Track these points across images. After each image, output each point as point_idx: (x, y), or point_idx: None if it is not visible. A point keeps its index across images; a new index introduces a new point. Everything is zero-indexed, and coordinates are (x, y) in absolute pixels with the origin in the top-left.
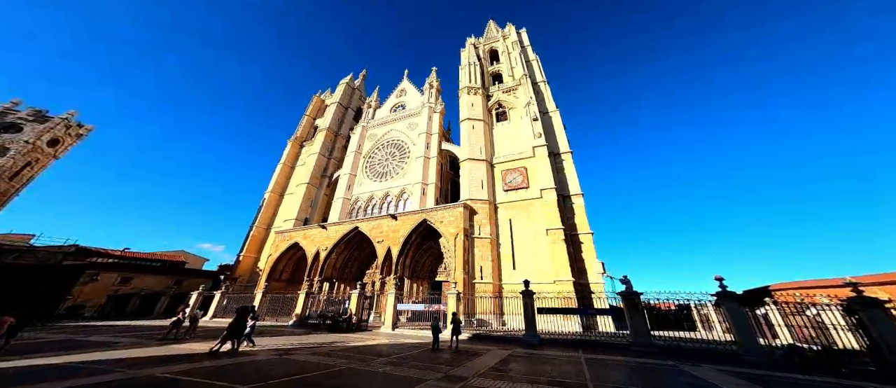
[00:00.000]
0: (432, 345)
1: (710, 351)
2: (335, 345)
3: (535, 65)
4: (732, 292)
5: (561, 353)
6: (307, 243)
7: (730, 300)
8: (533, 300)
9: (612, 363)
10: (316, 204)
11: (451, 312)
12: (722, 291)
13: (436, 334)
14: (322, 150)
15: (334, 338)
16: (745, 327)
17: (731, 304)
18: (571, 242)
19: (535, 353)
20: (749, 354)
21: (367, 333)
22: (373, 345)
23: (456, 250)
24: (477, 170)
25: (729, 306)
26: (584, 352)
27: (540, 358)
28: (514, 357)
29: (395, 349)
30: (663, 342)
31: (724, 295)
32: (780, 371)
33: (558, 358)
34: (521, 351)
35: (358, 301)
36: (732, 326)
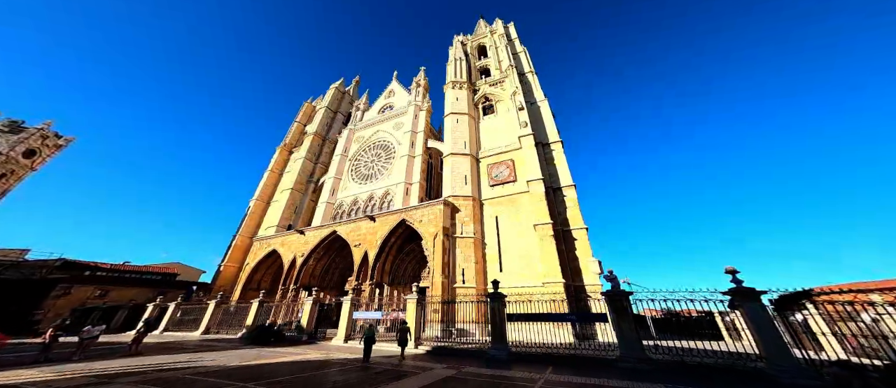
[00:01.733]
0: (363, 360)
1: (725, 369)
2: (226, 365)
3: (523, 56)
4: (750, 288)
5: (522, 374)
6: (285, 250)
7: (749, 300)
8: (502, 305)
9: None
10: (300, 210)
11: (410, 319)
12: (737, 287)
13: (368, 345)
14: (308, 155)
15: (256, 354)
16: (772, 335)
17: (753, 305)
18: (563, 238)
19: (487, 373)
20: (781, 372)
21: (310, 346)
22: (285, 362)
23: (435, 251)
24: (460, 165)
25: (749, 307)
26: (555, 372)
27: (483, 383)
28: (451, 381)
29: (309, 366)
30: (663, 357)
31: (740, 293)
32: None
33: (509, 382)
34: (471, 371)
35: (312, 310)
36: (755, 335)
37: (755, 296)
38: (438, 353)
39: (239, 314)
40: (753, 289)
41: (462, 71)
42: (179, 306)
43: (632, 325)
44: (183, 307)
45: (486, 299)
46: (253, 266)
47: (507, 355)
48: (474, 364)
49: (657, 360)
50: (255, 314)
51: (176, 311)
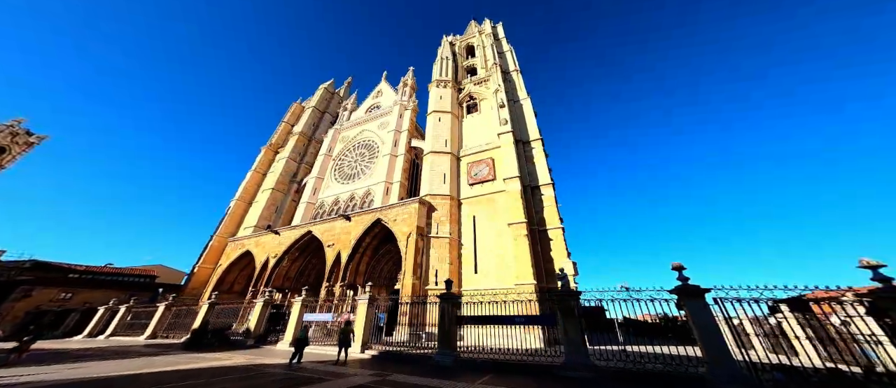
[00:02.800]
0: (289, 364)
1: (670, 375)
2: (100, 376)
3: (509, 55)
4: (695, 286)
5: (451, 382)
6: (258, 250)
7: (692, 298)
8: (453, 307)
9: None
10: (282, 210)
11: (360, 321)
12: (682, 285)
13: (299, 347)
14: (292, 154)
15: (172, 360)
16: (715, 338)
17: (695, 302)
18: (539, 238)
19: (413, 381)
20: (718, 377)
21: (251, 351)
22: (190, 369)
23: (407, 251)
24: (439, 163)
25: (691, 305)
26: (493, 380)
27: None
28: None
29: (212, 372)
30: (614, 363)
31: (683, 291)
32: None
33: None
34: (397, 379)
35: (262, 312)
36: (698, 336)
37: (699, 294)
38: (384, 358)
39: (191, 317)
40: (697, 287)
41: (448, 70)
42: (130, 309)
43: (577, 328)
44: (134, 310)
45: (437, 300)
46: (225, 268)
47: (453, 361)
48: (411, 370)
49: (602, 367)
50: (203, 317)
51: (126, 314)
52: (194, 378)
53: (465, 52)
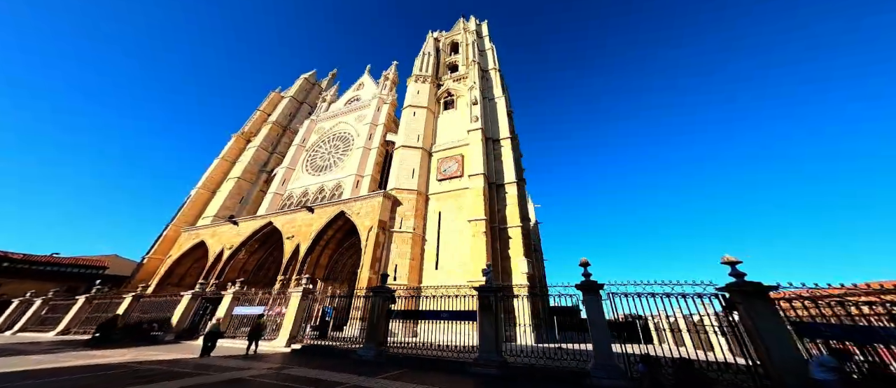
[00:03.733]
0: (200, 357)
1: (569, 371)
2: None
3: (490, 54)
4: (593, 282)
5: (349, 376)
6: (214, 241)
7: (588, 292)
8: (383, 301)
9: None
10: (248, 201)
11: (290, 314)
12: (585, 281)
13: (209, 341)
14: (264, 143)
15: (50, 358)
16: (600, 331)
17: (590, 297)
18: (499, 236)
19: (303, 375)
20: (597, 371)
21: (166, 346)
22: (58, 368)
23: (367, 245)
24: (410, 158)
25: (586, 300)
26: (402, 376)
27: (274, 384)
28: (238, 383)
29: (84, 371)
30: (517, 359)
31: (584, 287)
32: None
33: (317, 384)
34: (294, 373)
35: (188, 306)
36: (590, 330)
37: (594, 289)
38: (308, 351)
39: (112, 311)
40: (593, 282)
41: (428, 66)
42: (48, 301)
43: (493, 324)
44: (51, 303)
45: (369, 294)
46: (176, 259)
47: (375, 355)
48: (323, 364)
49: (511, 363)
50: (124, 310)
51: (42, 307)
52: (49, 377)
53: (450, 49)
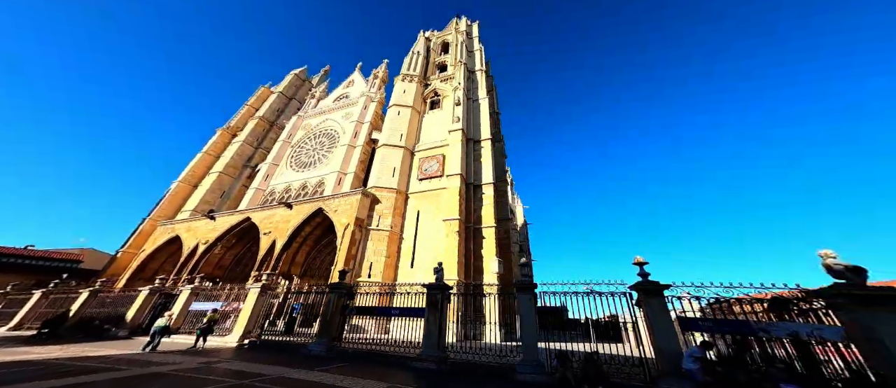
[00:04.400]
0: (144, 350)
1: (506, 367)
2: None
3: (478, 55)
4: (527, 282)
5: (282, 369)
6: (189, 235)
7: (522, 291)
8: (339, 298)
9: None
10: (229, 196)
11: (247, 309)
12: (520, 280)
13: (156, 336)
14: (249, 138)
15: None
16: (528, 327)
17: (523, 295)
18: (474, 236)
19: (229, 368)
20: (522, 366)
21: (116, 342)
22: None
23: (342, 242)
24: (391, 156)
25: (520, 298)
26: (340, 370)
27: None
28: (145, 378)
29: (10, 366)
30: (458, 355)
31: (518, 286)
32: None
33: (239, 377)
34: (229, 367)
35: (145, 301)
36: (521, 326)
37: (528, 288)
38: (259, 347)
39: (69, 306)
40: (528, 282)
41: (417, 65)
42: (5, 295)
43: (437, 322)
44: (8, 298)
45: (325, 290)
46: (149, 253)
47: (326, 350)
48: (268, 359)
49: (456, 360)
50: (80, 305)
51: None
52: None
53: (440, 49)
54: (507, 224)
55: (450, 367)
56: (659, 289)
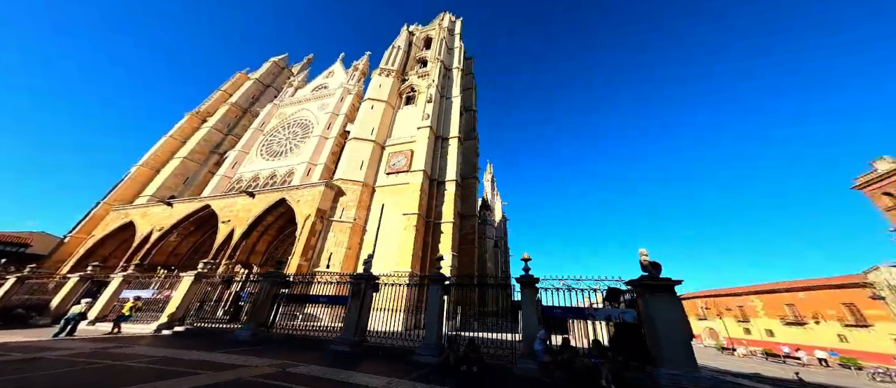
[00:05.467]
0: (53, 336)
1: (409, 349)
2: None
3: (457, 52)
4: (439, 275)
5: (169, 351)
6: (143, 222)
7: (433, 283)
8: (271, 285)
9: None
10: (193, 182)
11: (178, 297)
12: (432, 274)
13: (69, 324)
14: (219, 124)
15: None
16: (432, 314)
17: (433, 287)
18: (433, 230)
19: (130, 353)
20: (422, 349)
21: (22, 330)
22: None
23: (302, 232)
24: (360, 150)
25: (430, 291)
26: (248, 352)
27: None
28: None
29: None
30: (373, 340)
31: (430, 278)
32: None
33: (102, 355)
34: (122, 351)
35: (73, 288)
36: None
37: (439, 280)
38: (184, 334)
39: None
40: (438, 275)
41: (396, 59)
42: None
43: (356, 309)
44: None
45: (259, 278)
46: (99, 239)
47: (251, 335)
48: (182, 344)
49: (371, 344)
50: (5, 292)
51: None
52: None
53: (423, 44)
54: (474, 220)
55: (364, 350)
56: (531, 281)
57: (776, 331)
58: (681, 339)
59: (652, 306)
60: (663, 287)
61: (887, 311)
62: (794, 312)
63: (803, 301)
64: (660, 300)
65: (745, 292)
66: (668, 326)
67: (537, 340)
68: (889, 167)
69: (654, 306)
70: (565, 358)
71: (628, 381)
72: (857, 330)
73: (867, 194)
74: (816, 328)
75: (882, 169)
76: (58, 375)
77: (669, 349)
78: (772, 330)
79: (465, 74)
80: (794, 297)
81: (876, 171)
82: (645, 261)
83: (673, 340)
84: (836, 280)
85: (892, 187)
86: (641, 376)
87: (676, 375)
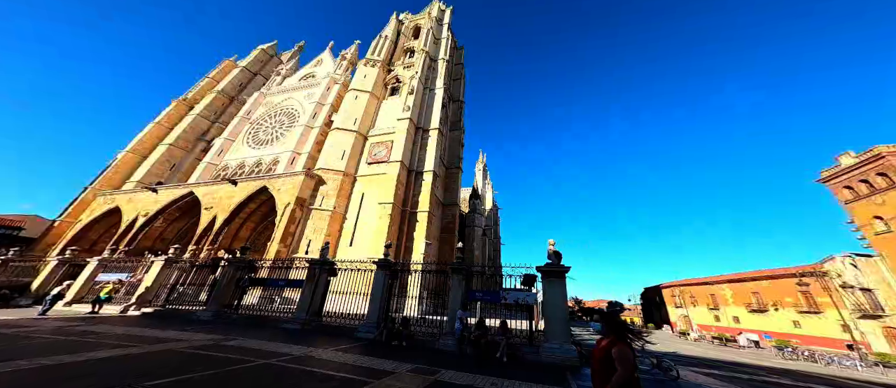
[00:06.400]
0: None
1: (353, 328)
2: None
3: (444, 43)
4: (386, 260)
5: (134, 331)
6: (129, 207)
7: (382, 269)
8: (235, 270)
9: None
10: (179, 169)
11: (149, 280)
12: (383, 259)
13: (53, 301)
14: (206, 112)
15: None
16: (375, 296)
17: (379, 272)
18: (409, 219)
19: (98, 332)
20: (362, 327)
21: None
22: None
23: (281, 219)
24: (342, 140)
25: (377, 276)
26: (204, 330)
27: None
28: None
29: None
30: (321, 320)
31: (382, 265)
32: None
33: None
34: (89, 328)
35: (52, 271)
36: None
37: (386, 267)
38: (152, 315)
39: None
40: (385, 261)
41: (382, 50)
42: None
43: (309, 293)
44: None
45: (225, 263)
46: (86, 223)
47: (213, 316)
48: (149, 324)
49: (321, 323)
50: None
51: None
52: None
53: (412, 33)
54: (455, 209)
55: (314, 328)
56: (460, 268)
57: (742, 318)
58: (562, 317)
59: (547, 290)
60: (557, 273)
61: (837, 298)
62: (759, 299)
63: (767, 289)
64: (553, 285)
65: (718, 282)
66: (554, 306)
67: (457, 320)
68: (852, 162)
69: (548, 289)
70: (475, 335)
71: (520, 355)
72: (809, 316)
73: (830, 188)
74: (775, 314)
75: (845, 164)
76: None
77: (553, 326)
78: (738, 317)
79: (454, 63)
80: (758, 285)
81: (839, 164)
82: (550, 250)
83: (558, 319)
84: (795, 270)
85: (853, 182)
86: (534, 349)
87: (554, 347)
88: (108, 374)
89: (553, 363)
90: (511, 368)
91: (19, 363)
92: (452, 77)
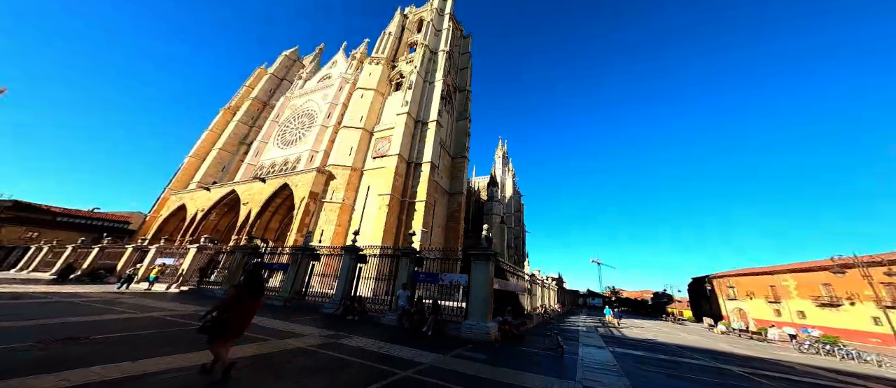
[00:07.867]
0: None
1: (317, 306)
2: None
3: (444, 34)
4: (353, 246)
5: (169, 305)
6: (191, 204)
7: (349, 254)
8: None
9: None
10: (228, 170)
11: (186, 264)
12: (351, 244)
13: (129, 280)
14: (244, 118)
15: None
16: (342, 278)
17: (348, 257)
18: (408, 209)
19: (139, 305)
20: (326, 304)
21: (94, 285)
22: None
23: (298, 212)
24: (349, 137)
25: (344, 261)
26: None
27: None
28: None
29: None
30: (305, 300)
31: (349, 249)
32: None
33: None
34: (134, 302)
35: (130, 256)
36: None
37: (351, 251)
38: (187, 293)
39: (82, 259)
40: (352, 247)
41: (386, 47)
42: (52, 249)
43: (293, 274)
44: (54, 250)
45: (234, 251)
46: (164, 218)
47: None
48: (183, 299)
49: (302, 302)
50: (92, 258)
51: (47, 253)
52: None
53: (416, 27)
54: (460, 198)
55: (294, 306)
56: (408, 253)
57: (808, 312)
58: (483, 297)
59: (474, 271)
60: (483, 256)
61: None
62: (830, 292)
63: (841, 281)
64: (479, 266)
65: (779, 271)
66: (477, 286)
67: (402, 298)
68: None
69: (475, 270)
70: (412, 311)
71: (445, 331)
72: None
73: None
74: (851, 309)
75: None
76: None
77: (475, 304)
78: (804, 311)
79: (460, 53)
80: (830, 276)
81: None
82: (483, 235)
83: (480, 298)
84: (882, 257)
85: None
86: (457, 325)
87: (472, 324)
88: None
89: (469, 338)
90: (431, 340)
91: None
92: (458, 67)
